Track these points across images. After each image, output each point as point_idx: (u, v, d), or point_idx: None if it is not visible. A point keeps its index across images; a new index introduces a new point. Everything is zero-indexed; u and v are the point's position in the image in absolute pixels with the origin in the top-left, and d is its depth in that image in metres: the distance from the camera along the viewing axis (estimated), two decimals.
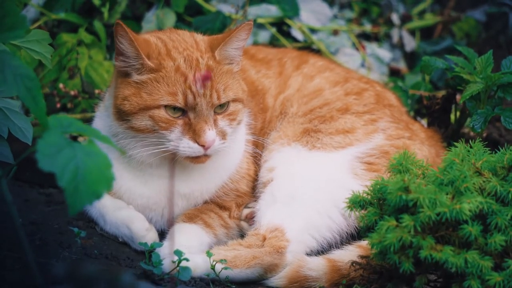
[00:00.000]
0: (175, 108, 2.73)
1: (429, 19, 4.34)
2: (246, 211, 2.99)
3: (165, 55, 2.77)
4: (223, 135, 2.79)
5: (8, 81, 2.10)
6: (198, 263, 2.67)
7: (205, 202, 2.98)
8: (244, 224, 2.97)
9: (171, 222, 2.90)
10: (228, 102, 2.80)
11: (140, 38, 2.81)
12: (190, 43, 2.83)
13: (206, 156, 2.77)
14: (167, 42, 2.83)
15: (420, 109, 3.67)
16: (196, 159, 2.78)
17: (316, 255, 2.77)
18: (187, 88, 2.72)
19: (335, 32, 4.04)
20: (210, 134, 2.72)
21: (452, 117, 3.38)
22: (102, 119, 2.96)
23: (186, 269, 2.59)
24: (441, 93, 3.49)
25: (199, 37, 2.90)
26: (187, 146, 2.73)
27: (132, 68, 2.76)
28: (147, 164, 2.86)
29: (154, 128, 2.74)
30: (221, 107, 2.79)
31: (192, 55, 2.78)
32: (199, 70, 2.74)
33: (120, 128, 2.80)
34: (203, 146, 2.72)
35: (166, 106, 2.73)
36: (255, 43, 3.83)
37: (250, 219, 2.95)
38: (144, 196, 2.92)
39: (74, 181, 1.98)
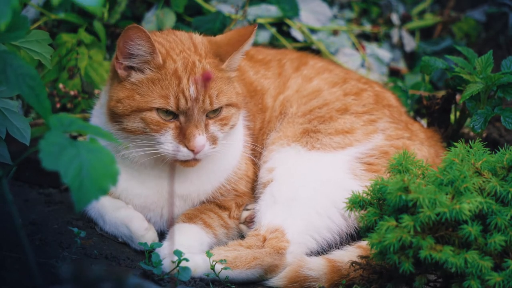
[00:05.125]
0: (167, 111, 2.73)
1: (429, 19, 4.33)
2: (245, 214, 2.98)
3: (166, 56, 2.76)
4: (213, 140, 2.77)
5: (10, 81, 2.09)
6: (198, 263, 2.67)
7: (203, 202, 2.98)
8: (243, 227, 2.96)
9: (170, 223, 2.90)
10: (221, 107, 2.79)
11: None
12: (187, 45, 2.82)
13: (195, 160, 2.77)
14: (163, 43, 2.82)
15: (420, 109, 3.67)
16: (185, 163, 2.78)
17: (316, 256, 2.77)
18: (179, 92, 2.71)
19: (335, 32, 4.04)
20: (199, 139, 2.71)
21: (452, 117, 3.38)
22: (98, 117, 2.96)
23: (186, 269, 2.59)
24: (441, 93, 3.49)
25: (198, 39, 2.88)
26: (176, 149, 2.73)
27: (133, 68, 2.75)
28: (141, 164, 2.85)
29: (145, 130, 2.74)
30: (214, 112, 2.77)
31: (189, 58, 2.76)
32: (194, 74, 2.73)
33: (112, 129, 2.80)
34: (192, 150, 2.72)
35: (158, 109, 2.72)
36: (255, 44, 3.82)
37: (249, 222, 2.95)
38: (141, 196, 2.92)
39: (78, 177, 1.98)
